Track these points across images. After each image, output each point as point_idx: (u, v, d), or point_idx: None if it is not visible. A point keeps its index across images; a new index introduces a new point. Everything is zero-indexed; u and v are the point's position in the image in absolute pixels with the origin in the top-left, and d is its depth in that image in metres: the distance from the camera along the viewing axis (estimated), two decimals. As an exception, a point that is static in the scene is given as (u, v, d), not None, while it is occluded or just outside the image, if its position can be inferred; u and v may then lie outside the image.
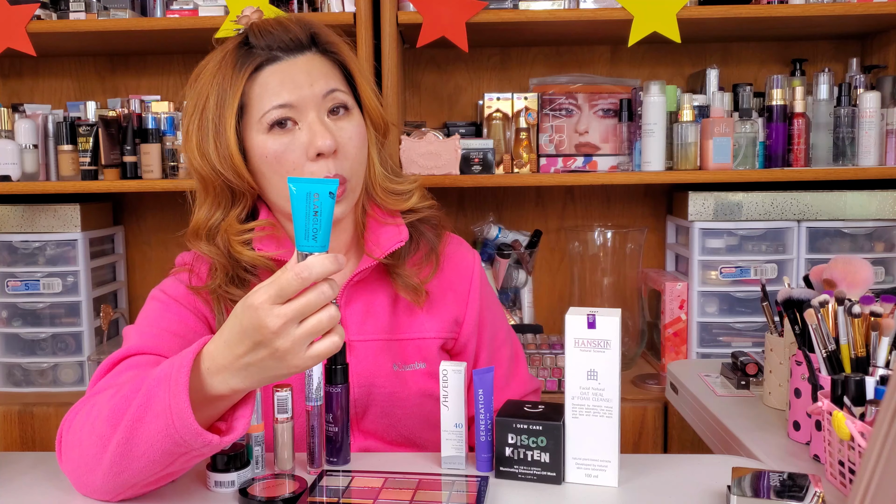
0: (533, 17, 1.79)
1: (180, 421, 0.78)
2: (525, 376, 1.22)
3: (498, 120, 1.95)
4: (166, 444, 0.79)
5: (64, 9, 1.83)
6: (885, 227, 1.88)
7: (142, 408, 0.80)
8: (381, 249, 1.06)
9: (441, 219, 1.16)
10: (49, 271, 1.92)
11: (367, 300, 1.09)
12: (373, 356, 1.07)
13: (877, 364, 0.95)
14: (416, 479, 0.89)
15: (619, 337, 0.87)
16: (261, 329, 0.74)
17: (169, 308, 1.04)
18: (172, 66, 2.16)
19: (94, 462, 0.83)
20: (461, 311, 1.13)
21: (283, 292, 0.73)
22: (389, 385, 1.08)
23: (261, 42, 1.02)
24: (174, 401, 0.78)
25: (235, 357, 0.77)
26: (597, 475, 0.89)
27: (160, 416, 0.79)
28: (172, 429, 0.78)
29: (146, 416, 0.80)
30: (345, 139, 1.02)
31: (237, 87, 1.00)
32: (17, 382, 1.94)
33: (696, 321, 1.90)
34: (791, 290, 1.07)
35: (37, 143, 1.92)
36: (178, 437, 0.78)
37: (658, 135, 1.84)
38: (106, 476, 0.83)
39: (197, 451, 0.80)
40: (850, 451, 0.85)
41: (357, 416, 1.09)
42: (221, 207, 1.04)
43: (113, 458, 0.82)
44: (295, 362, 0.75)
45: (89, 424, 0.84)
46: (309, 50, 1.04)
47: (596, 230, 1.97)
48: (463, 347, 1.14)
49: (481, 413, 0.93)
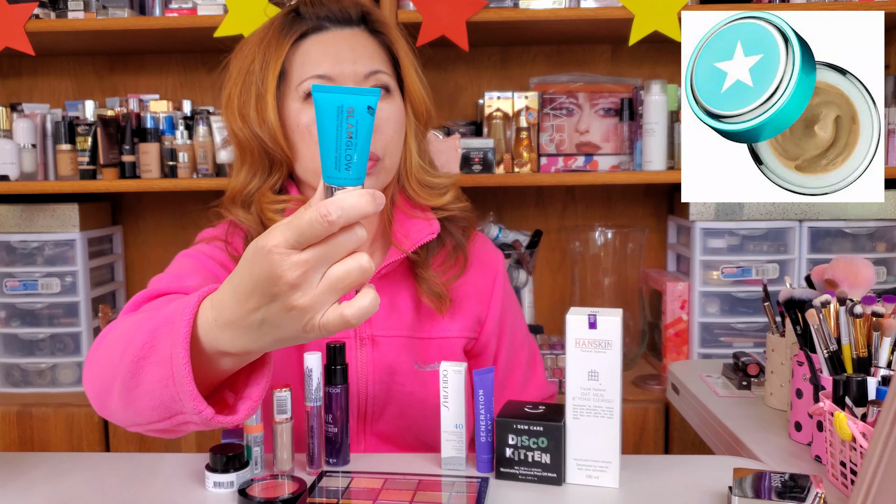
0: (533, 16, 1.78)
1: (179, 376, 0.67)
2: (541, 381, 1.20)
3: (498, 119, 1.94)
4: (164, 396, 0.70)
5: (62, 8, 1.83)
6: (886, 227, 1.88)
7: (146, 347, 0.71)
8: (409, 241, 1.04)
9: (471, 221, 1.14)
10: (47, 271, 1.91)
11: (391, 295, 1.07)
12: (395, 353, 1.06)
13: (878, 364, 0.95)
14: (416, 480, 0.89)
15: (620, 337, 0.87)
16: (275, 280, 0.58)
17: (204, 265, 1.01)
18: (171, 66, 2.15)
19: (109, 387, 0.76)
20: (484, 310, 1.12)
21: (304, 236, 0.57)
22: (409, 384, 1.06)
23: (310, 11, 1.02)
24: (174, 351, 0.67)
25: (246, 312, 0.62)
26: (598, 476, 0.89)
27: (162, 363, 0.69)
28: (171, 381, 0.68)
29: (150, 358, 0.70)
30: (381, 120, 1.00)
31: (281, 52, 1.00)
32: (16, 383, 1.94)
33: (697, 321, 1.90)
34: (792, 291, 1.06)
35: (35, 142, 1.91)
36: (174, 392, 0.68)
37: (659, 134, 1.84)
38: (118, 405, 0.76)
39: (189, 416, 0.70)
40: (852, 451, 0.85)
41: (373, 416, 1.07)
42: (258, 176, 1.03)
43: (121, 389, 0.74)
44: (316, 321, 0.60)
45: (107, 349, 0.77)
46: (358, 26, 1.03)
47: (597, 230, 1.97)
48: (483, 348, 1.13)
49: (481, 414, 0.92)
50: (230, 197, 1.05)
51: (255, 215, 1.02)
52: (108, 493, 0.90)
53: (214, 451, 0.89)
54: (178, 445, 1.82)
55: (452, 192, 1.09)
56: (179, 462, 0.98)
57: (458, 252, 1.10)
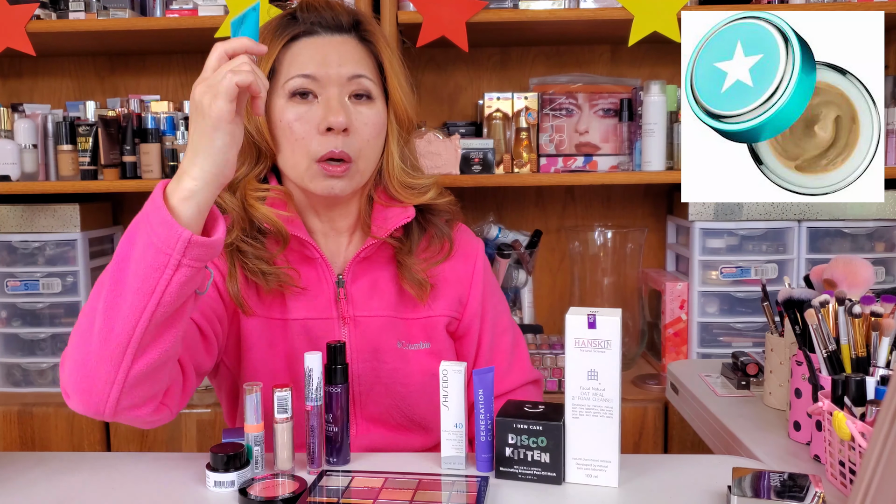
0: (533, 17, 1.79)
1: (156, 219, 0.81)
2: (526, 365, 1.22)
3: (498, 120, 1.95)
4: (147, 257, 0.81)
5: (63, 8, 1.83)
6: (885, 227, 1.88)
7: (124, 251, 0.83)
8: (388, 225, 1.08)
9: (455, 213, 1.18)
10: (48, 271, 1.91)
11: (373, 277, 1.11)
12: (377, 332, 1.09)
13: (877, 364, 0.95)
14: (416, 480, 0.89)
15: (620, 337, 0.87)
16: (194, 93, 0.83)
17: None
18: (172, 66, 2.16)
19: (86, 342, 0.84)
20: (465, 291, 1.15)
21: (209, 63, 0.84)
22: (393, 361, 1.10)
23: (305, 16, 1.07)
24: (151, 208, 0.82)
25: (188, 144, 0.84)
26: (597, 475, 0.89)
27: (140, 234, 0.82)
28: (152, 232, 0.81)
29: (130, 254, 0.82)
30: (359, 123, 1.05)
31: (272, 51, 1.05)
32: (17, 382, 1.94)
33: (696, 321, 1.90)
34: (791, 290, 1.06)
35: (36, 142, 1.92)
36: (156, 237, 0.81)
37: (658, 134, 1.84)
38: (98, 350, 0.82)
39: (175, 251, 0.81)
40: (851, 451, 0.85)
41: (361, 398, 1.10)
42: (246, 164, 1.07)
43: (101, 320, 0.82)
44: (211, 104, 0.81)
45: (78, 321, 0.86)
46: (348, 33, 1.08)
47: (596, 230, 1.97)
48: (466, 330, 1.16)
49: (481, 413, 0.93)
50: None
51: (238, 200, 1.06)
52: (108, 492, 0.90)
53: (215, 450, 0.89)
54: (179, 445, 1.82)
55: (434, 190, 1.13)
56: (180, 461, 0.98)
57: (442, 239, 1.14)
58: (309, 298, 1.08)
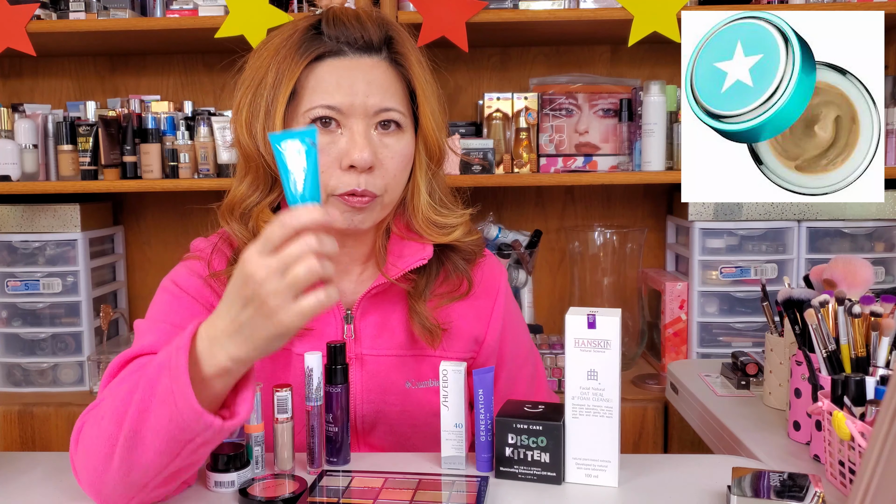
0: (533, 17, 1.79)
1: (183, 402, 0.75)
2: (544, 396, 1.17)
3: (498, 120, 1.95)
4: (171, 430, 0.77)
5: (64, 9, 1.83)
6: (885, 227, 1.88)
7: (145, 398, 0.78)
8: (401, 264, 1.02)
9: (476, 254, 1.10)
10: (49, 271, 1.91)
11: (383, 314, 1.05)
12: (384, 372, 1.04)
13: (877, 364, 0.95)
14: (416, 480, 0.89)
15: (620, 337, 0.87)
16: (248, 281, 0.72)
17: (181, 302, 1.00)
18: (172, 66, 2.16)
19: (105, 463, 0.81)
20: (482, 330, 1.09)
21: (268, 240, 0.71)
22: (400, 403, 1.05)
23: (332, 32, 0.98)
24: (176, 384, 0.76)
25: (232, 318, 0.75)
26: (597, 475, 0.89)
27: (163, 402, 0.77)
28: (176, 411, 0.76)
29: (150, 406, 0.78)
30: (386, 156, 0.98)
31: (294, 72, 0.96)
32: (17, 382, 1.94)
33: (696, 321, 1.90)
34: (791, 290, 1.06)
35: (37, 142, 1.92)
36: (181, 420, 0.76)
37: (658, 135, 1.84)
38: (117, 476, 0.81)
39: (200, 435, 0.77)
40: (851, 451, 0.85)
41: (364, 432, 1.06)
42: (259, 190, 1.00)
43: (121, 454, 0.79)
44: (281, 317, 0.71)
45: (97, 427, 0.82)
46: (378, 53, 0.99)
47: (596, 230, 1.97)
48: (482, 365, 1.10)
49: (481, 413, 0.93)
50: (229, 205, 1.02)
51: (250, 231, 1.00)
52: (109, 492, 0.90)
53: (215, 450, 0.89)
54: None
55: (462, 229, 1.05)
56: (180, 461, 0.98)
57: (459, 276, 1.07)
58: (315, 334, 1.03)
